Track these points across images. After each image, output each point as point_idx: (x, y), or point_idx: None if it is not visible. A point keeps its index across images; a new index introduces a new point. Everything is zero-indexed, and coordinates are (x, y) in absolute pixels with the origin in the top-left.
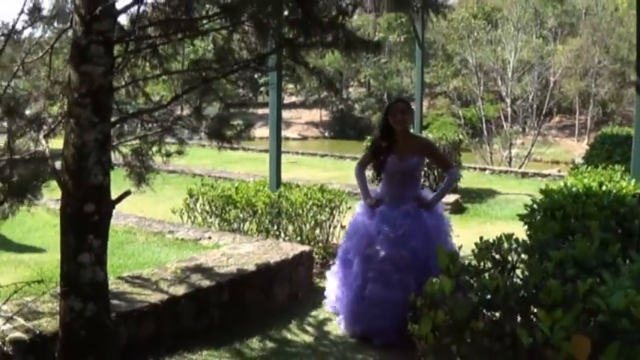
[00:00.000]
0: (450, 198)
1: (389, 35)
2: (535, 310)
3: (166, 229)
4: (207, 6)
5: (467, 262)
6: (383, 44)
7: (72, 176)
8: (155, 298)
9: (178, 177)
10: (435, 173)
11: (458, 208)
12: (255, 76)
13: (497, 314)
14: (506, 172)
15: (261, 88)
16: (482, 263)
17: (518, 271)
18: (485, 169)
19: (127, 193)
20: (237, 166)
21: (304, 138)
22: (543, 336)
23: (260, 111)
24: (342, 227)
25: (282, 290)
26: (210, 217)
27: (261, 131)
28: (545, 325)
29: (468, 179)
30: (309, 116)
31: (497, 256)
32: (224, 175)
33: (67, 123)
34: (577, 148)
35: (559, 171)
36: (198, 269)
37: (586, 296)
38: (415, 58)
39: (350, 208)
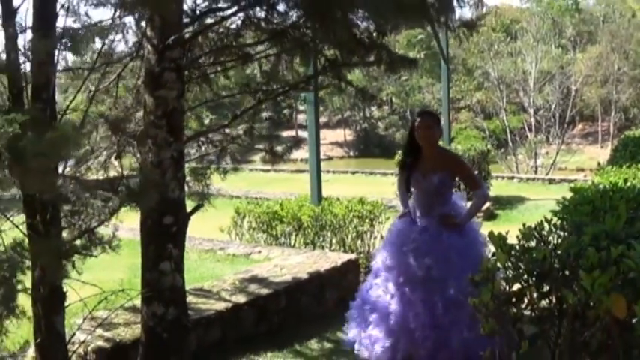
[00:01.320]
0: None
1: (409, 52)
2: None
3: (217, 246)
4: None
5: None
6: (419, 61)
7: (131, 197)
8: (219, 306)
9: (216, 199)
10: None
11: (490, 215)
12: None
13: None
14: (533, 179)
15: (284, 110)
16: (526, 244)
17: (558, 251)
18: (512, 178)
19: (199, 206)
20: (270, 187)
21: (330, 158)
22: (585, 295)
23: (284, 134)
24: (382, 237)
25: (333, 296)
26: (258, 232)
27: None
28: (587, 283)
29: (497, 188)
30: (333, 136)
31: (539, 237)
32: (260, 196)
33: (142, 143)
34: (601, 154)
35: (585, 176)
36: (255, 279)
37: (618, 260)
38: (436, 74)
39: (389, 218)
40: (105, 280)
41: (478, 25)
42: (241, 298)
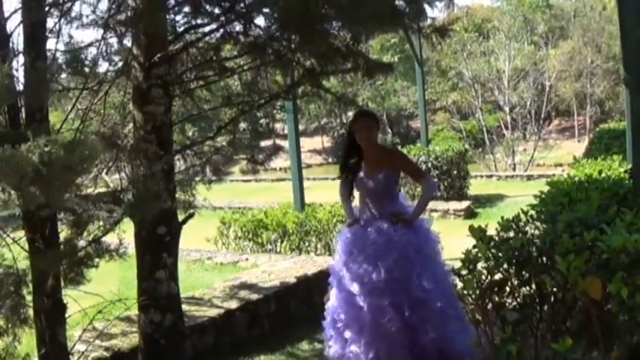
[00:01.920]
0: (462, 204)
1: (383, 56)
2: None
3: (204, 255)
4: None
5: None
6: (395, 65)
7: (138, 203)
8: (212, 312)
9: (200, 210)
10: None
11: (470, 214)
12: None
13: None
14: (512, 177)
15: (261, 120)
16: (504, 235)
17: (535, 240)
18: (491, 176)
19: (190, 215)
20: (252, 196)
21: (308, 166)
22: (562, 278)
23: (263, 143)
24: None
25: (321, 299)
26: (244, 241)
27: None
28: (562, 267)
29: (477, 187)
30: (310, 144)
31: (517, 228)
32: (244, 205)
33: (134, 158)
34: (578, 149)
35: (563, 171)
36: (245, 286)
37: (592, 245)
38: (410, 77)
39: None
40: (96, 293)
41: (450, 29)
42: (233, 304)
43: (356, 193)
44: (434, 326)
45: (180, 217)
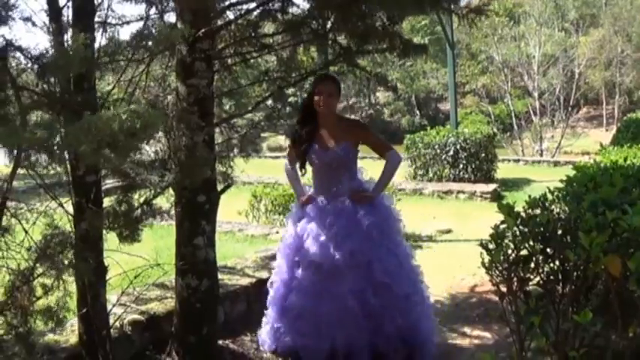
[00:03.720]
0: (489, 187)
1: (413, 37)
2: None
3: (235, 227)
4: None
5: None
6: (428, 47)
7: (186, 170)
8: (244, 281)
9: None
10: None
11: (497, 196)
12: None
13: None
14: (539, 162)
15: (290, 98)
16: (531, 212)
17: (561, 217)
18: (518, 161)
19: (228, 185)
20: (281, 172)
21: None
22: (585, 254)
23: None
24: None
25: None
26: (274, 214)
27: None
28: (585, 243)
29: (504, 171)
30: None
31: (543, 206)
32: (273, 181)
33: (176, 128)
34: (606, 137)
35: (590, 159)
36: (275, 257)
37: (614, 224)
38: (440, 59)
39: (400, 200)
40: (129, 261)
41: (486, 10)
42: (264, 274)
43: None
44: (400, 313)
45: (219, 188)
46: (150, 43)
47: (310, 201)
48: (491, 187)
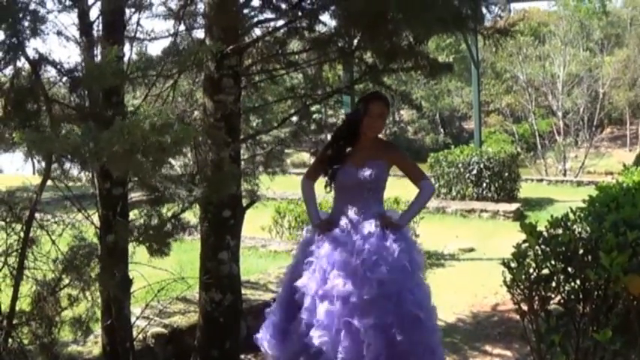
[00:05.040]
0: (512, 206)
1: (438, 55)
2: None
3: (259, 243)
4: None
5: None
6: (453, 66)
7: (211, 187)
8: (267, 296)
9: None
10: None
11: (519, 216)
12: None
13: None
14: (562, 182)
15: (314, 115)
16: (553, 231)
17: (583, 238)
18: (541, 180)
19: (253, 201)
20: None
21: None
22: (605, 273)
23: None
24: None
25: None
26: (297, 230)
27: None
28: (606, 263)
29: (527, 190)
30: None
31: (565, 226)
32: (295, 197)
33: (202, 144)
34: (629, 157)
35: (612, 179)
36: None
37: (634, 243)
38: (464, 78)
39: (422, 217)
40: (154, 275)
41: (511, 30)
42: None
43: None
44: (431, 350)
45: (244, 204)
46: (179, 59)
47: (329, 227)
48: (514, 206)
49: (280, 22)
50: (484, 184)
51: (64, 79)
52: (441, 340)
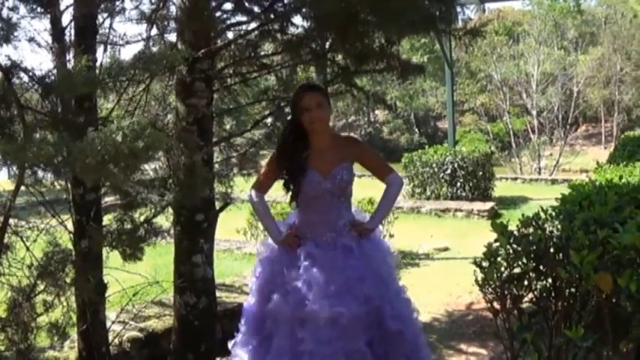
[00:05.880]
0: (486, 205)
1: (412, 56)
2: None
3: (234, 245)
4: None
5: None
6: (424, 65)
7: (184, 191)
8: (242, 299)
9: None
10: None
11: (494, 214)
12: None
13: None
14: (537, 180)
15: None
16: (524, 231)
17: (554, 237)
18: (516, 179)
19: (227, 204)
20: (280, 190)
21: None
22: (576, 271)
23: None
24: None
25: None
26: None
27: None
28: (576, 261)
29: (501, 189)
30: None
31: (536, 225)
32: (272, 199)
33: (175, 148)
34: (604, 155)
35: (587, 176)
36: None
37: (604, 241)
38: (439, 78)
39: (397, 217)
40: (128, 279)
41: (482, 32)
42: None
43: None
44: (408, 357)
45: (217, 207)
46: (151, 64)
47: (298, 241)
48: (489, 205)
49: (253, 25)
50: (458, 184)
51: (39, 86)
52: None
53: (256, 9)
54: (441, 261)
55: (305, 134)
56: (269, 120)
